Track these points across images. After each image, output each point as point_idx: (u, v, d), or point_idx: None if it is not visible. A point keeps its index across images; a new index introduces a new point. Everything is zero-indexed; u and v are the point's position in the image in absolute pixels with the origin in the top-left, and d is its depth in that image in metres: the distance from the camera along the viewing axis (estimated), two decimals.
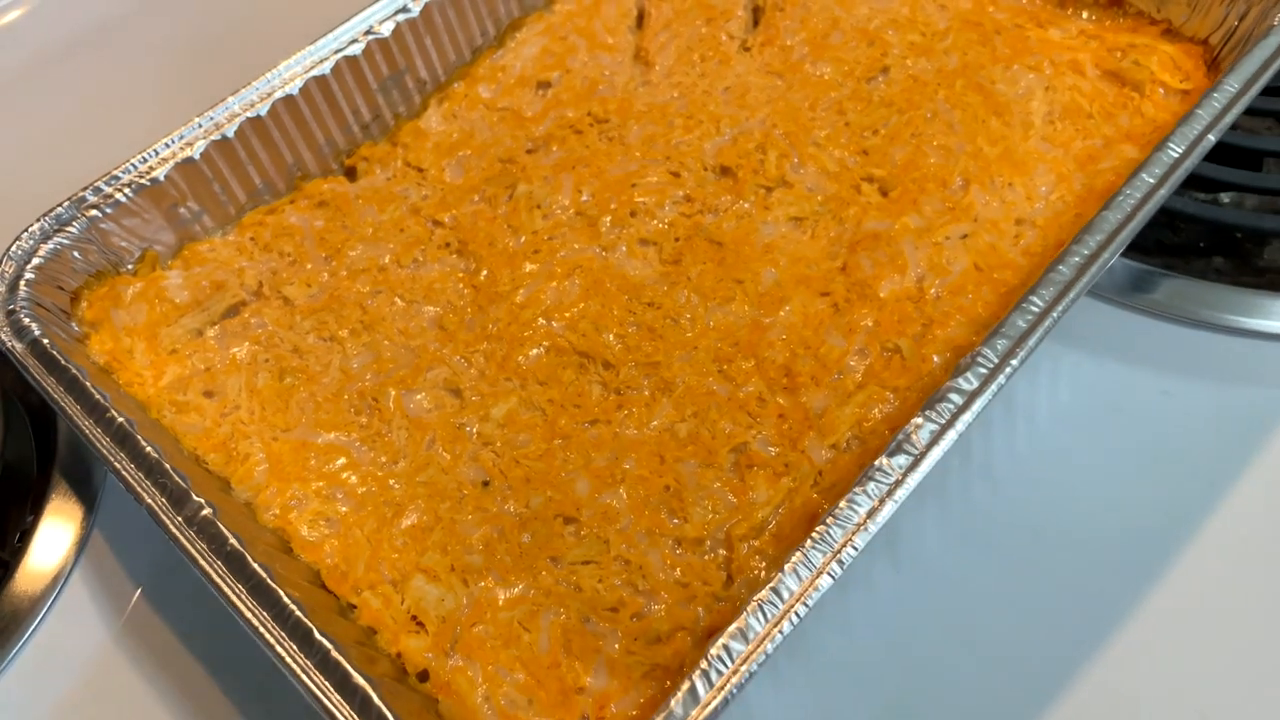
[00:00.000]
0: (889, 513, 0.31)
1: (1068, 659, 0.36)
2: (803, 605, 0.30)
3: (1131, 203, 0.36)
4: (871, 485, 0.31)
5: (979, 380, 0.33)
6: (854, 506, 0.31)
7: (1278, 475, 0.38)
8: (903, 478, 0.31)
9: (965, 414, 0.32)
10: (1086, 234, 0.35)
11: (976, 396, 0.32)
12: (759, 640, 0.29)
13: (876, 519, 0.31)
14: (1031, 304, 0.34)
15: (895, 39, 0.50)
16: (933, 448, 0.32)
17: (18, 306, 0.40)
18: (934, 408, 0.32)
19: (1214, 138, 0.37)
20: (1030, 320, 0.34)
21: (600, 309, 0.43)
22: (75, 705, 0.37)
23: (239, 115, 0.46)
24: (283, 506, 0.38)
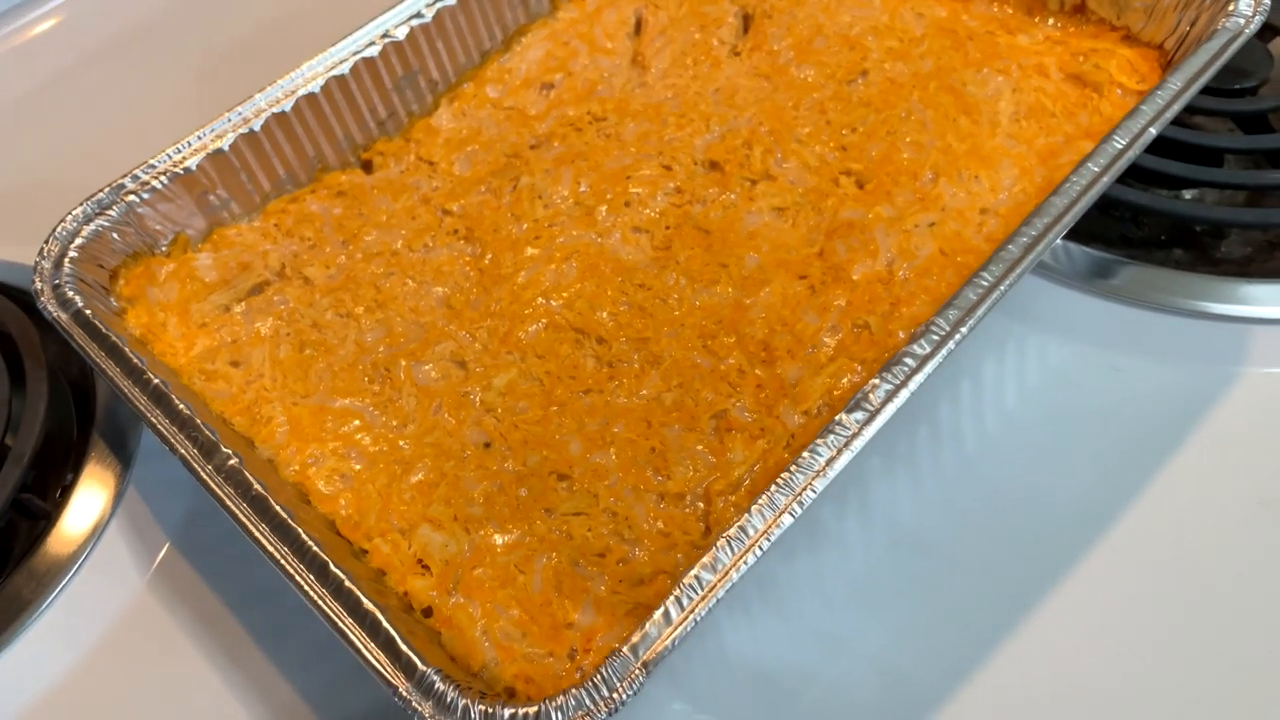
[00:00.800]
0: (845, 461, 0.34)
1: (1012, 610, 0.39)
2: (766, 540, 0.33)
3: (1076, 189, 0.39)
4: (831, 438, 0.35)
5: (931, 346, 0.36)
6: (815, 456, 0.34)
7: (1215, 442, 0.42)
8: (859, 430, 0.35)
9: (917, 375, 0.36)
10: (1035, 217, 0.39)
11: (928, 360, 0.36)
12: (725, 571, 0.33)
13: (834, 466, 0.34)
14: (981, 279, 0.37)
15: (875, 44, 0.54)
16: (886, 405, 0.35)
17: (62, 281, 0.44)
18: (890, 370, 0.36)
19: (1155, 130, 0.41)
20: (980, 293, 0.37)
21: (595, 290, 0.47)
22: (113, 642, 0.41)
23: (265, 111, 0.50)
24: (301, 464, 0.42)
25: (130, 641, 0.41)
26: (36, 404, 0.45)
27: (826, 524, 0.43)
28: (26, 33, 0.69)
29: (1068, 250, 0.49)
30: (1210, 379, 0.43)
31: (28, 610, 0.41)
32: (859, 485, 0.43)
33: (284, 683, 0.39)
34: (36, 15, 0.69)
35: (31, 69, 0.66)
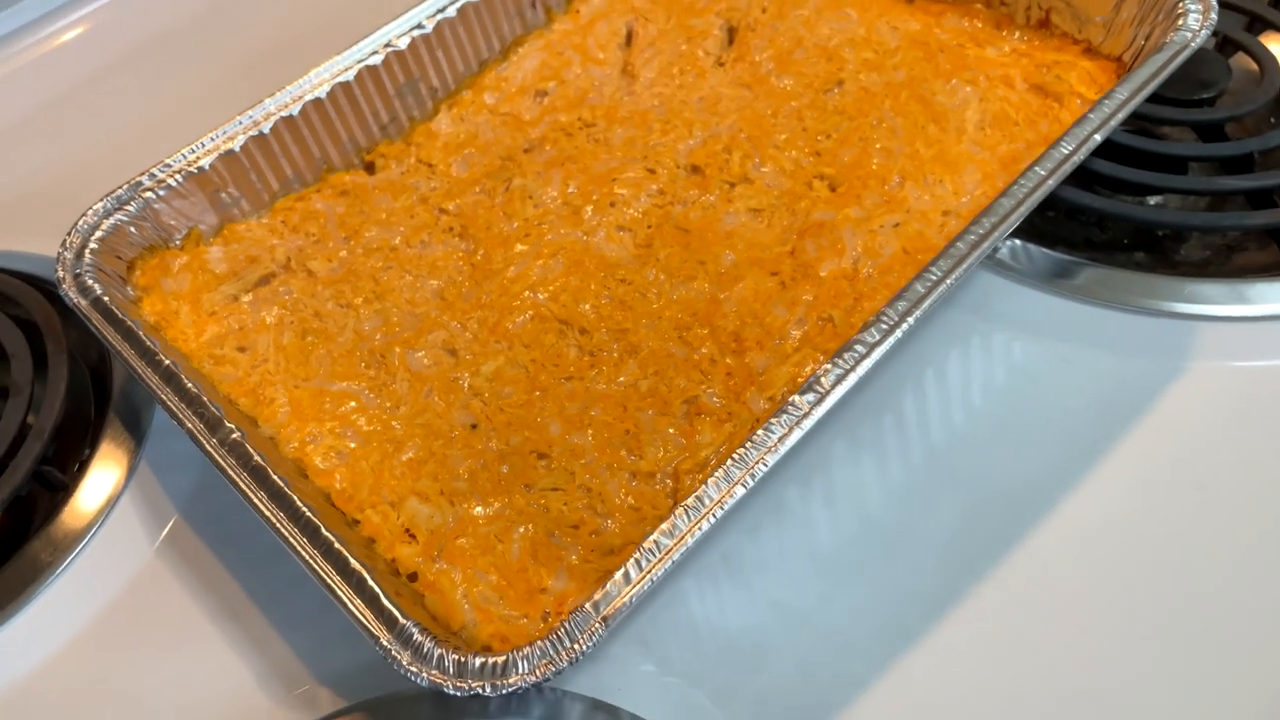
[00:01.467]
0: (796, 438, 0.37)
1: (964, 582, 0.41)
2: (720, 509, 0.36)
3: (1023, 192, 0.42)
4: (784, 417, 0.37)
5: (880, 334, 0.39)
6: (769, 434, 0.37)
7: (1158, 428, 0.44)
8: (809, 411, 0.37)
9: (866, 360, 0.38)
10: (983, 217, 0.42)
11: (876, 347, 0.38)
12: (682, 536, 0.35)
13: (786, 443, 0.37)
14: (930, 274, 0.40)
15: (851, 56, 0.57)
16: (836, 387, 0.38)
17: (83, 270, 0.47)
18: (841, 356, 0.39)
19: (1100, 137, 0.43)
20: (927, 286, 0.40)
21: (579, 284, 0.50)
22: (124, 603, 0.44)
23: (274, 115, 0.53)
24: (301, 441, 0.45)
25: (140, 603, 0.44)
26: (57, 385, 0.48)
27: (792, 505, 0.45)
28: (54, 40, 0.73)
29: (1028, 251, 0.51)
30: (1157, 371, 0.46)
31: (46, 573, 0.44)
32: (824, 469, 0.46)
33: (280, 641, 0.42)
34: (64, 24, 0.73)
35: (58, 75, 0.70)
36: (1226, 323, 0.47)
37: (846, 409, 0.47)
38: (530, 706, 0.39)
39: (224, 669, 0.41)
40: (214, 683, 0.41)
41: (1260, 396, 0.45)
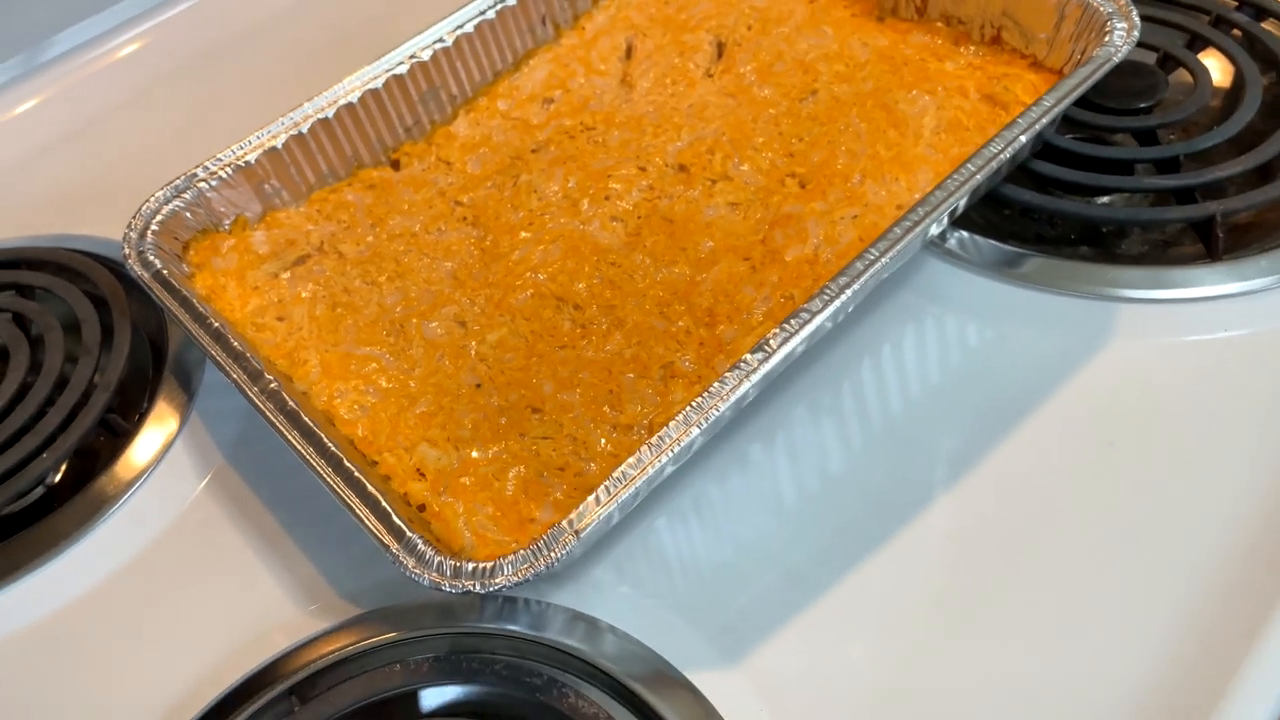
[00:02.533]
0: (744, 389, 0.43)
1: (896, 525, 0.47)
2: (677, 446, 0.42)
3: (955, 184, 0.48)
4: (735, 372, 0.44)
5: (822, 303, 0.45)
6: (723, 385, 0.44)
7: (1078, 393, 0.50)
8: (757, 366, 0.44)
9: (809, 324, 0.45)
10: (918, 207, 0.48)
11: (818, 314, 0.45)
12: (644, 467, 0.42)
13: (735, 393, 0.43)
14: (869, 253, 0.46)
15: (824, 69, 0.63)
16: (781, 346, 0.44)
17: (145, 249, 0.55)
18: (788, 322, 0.45)
19: (1025, 139, 0.49)
20: (866, 263, 0.46)
21: (575, 266, 0.56)
22: (175, 531, 0.51)
23: (312, 117, 0.60)
24: (330, 396, 0.52)
25: (188, 532, 0.51)
26: (121, 347, 0.55)
27: (757, 458, 0.52)
28: (115, 53, 0.81)
29: (977, 243, 0.57)
30: (1081, 346, 0.52)
31: (110, 504, 0.51)
32: (786, 428, 0.52)
33: (308, 563, 0.49)
34: (124, 39, 0.81)
35: (120, 83, 0.78)
36: (1145, 304, 0.53)
37: (807, 376, 0.53)
38: (518, 615, 0.45)
39: (260, 587, 0.48)
40: (252, 598, 0.48)
41: (1166, 367, 0.50)
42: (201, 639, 0.47)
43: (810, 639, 0.45)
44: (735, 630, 0.45)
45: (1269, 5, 0.64)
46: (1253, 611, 0.42)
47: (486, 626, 0.45)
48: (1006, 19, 0.59)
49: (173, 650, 0.47)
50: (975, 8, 0.61)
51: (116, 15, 0.81)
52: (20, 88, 0.78)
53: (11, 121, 0.77)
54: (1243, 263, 0.53)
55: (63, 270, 0.61)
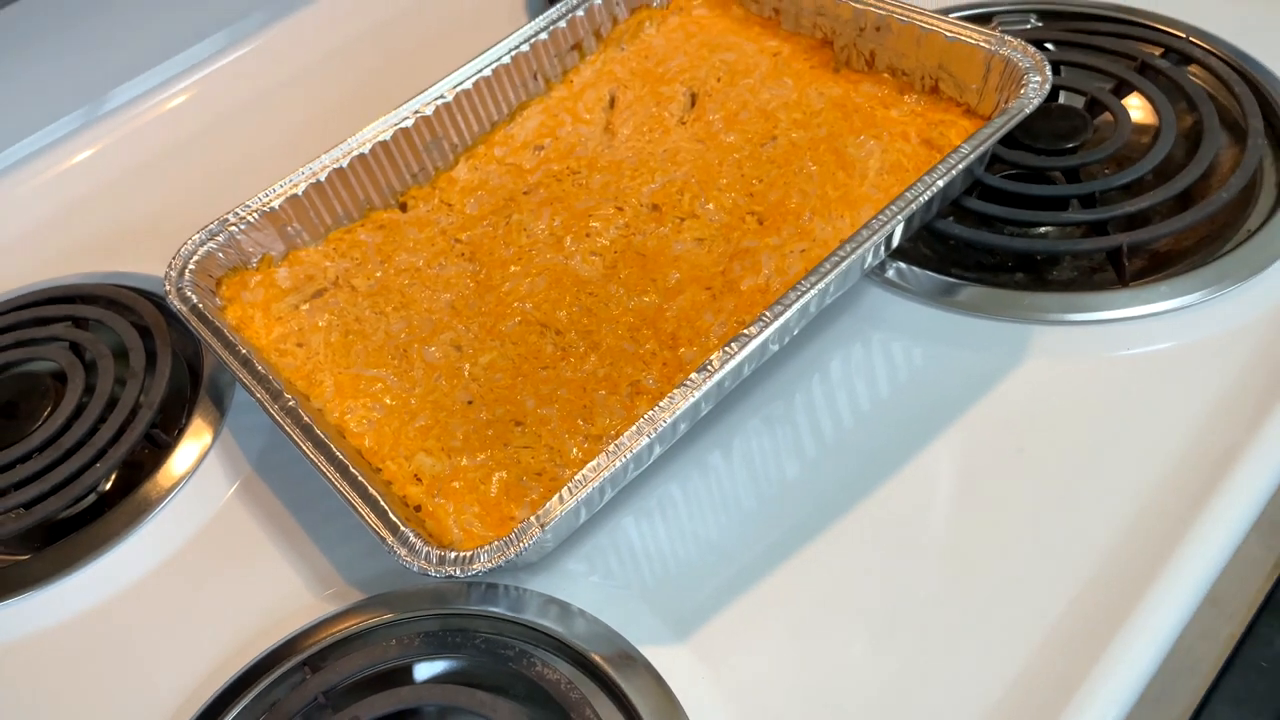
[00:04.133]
0: (690, 402, 0.50)
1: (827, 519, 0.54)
2: (629, 452, 0.49)
3: (879, 224, 0.55)
4: (681, 389, 0.51)
5: (759, 328, 0.52)
6: (671, 400, 0.51)
7: (995, 406, 0.56)
8: (700, 383, 0.51)
9: (748, 346, 0.52)
10: (847, 244, 0.55)
11: (754, 338, 0.52)
12: (600, 470, 0.49)
13: (680, 406, 0.50)
14: (801, 285, 0.53)
15: (784, 116, 0.70)
16: (722, 367, 0.51)
17: (183, 285, 0.63)
18: (729, 345, 0.52)
19: (942, 183, 0.56)
20: (797, 294, 0.53)
21: (558, 296, 0.64)
22: (207, 531, 0.59)
23: (329, 166, 0.68)
24: (341, 412, 0.59)
25: (219, 532, 0.59)
26: (163, 371, 0.64)
27: (716, 465, 0.59)
28: (165, 105, 0.89)
29: (915, 273, 0.64)
30: (1001, 365, 0.58)
31: (153, 507, 0.59)
32: (742, 438, 0.59)
33: (321, 557, 0.56)
34: (172, 92, 0.90)
35: (168, 133, 0.87)
36: (1059, 326, 0.59)
37: (762, 390, 0.60)
38: (499, 599, 0.53)
39: (280, 578, 0.56)
40: (272, 587, 0.56)
41: (1072, 383, 0.57)
42: (231, 621, 0.54)
43: (754, 624, 0.51)
44: (690, 616, 0.52)
45: (1190, 53, 0.71)
46: (1129, 601, 0.48)
47: (472, 609, 0.52)
48: (942, 71, 0.66)
49: (207, 631, 0.54)
50: (915, 61, 0.68)
51: (165, 71, 0.90)
52: (80, 137, 0.87)
53: (72, 169, 0.86)
54: (1147, 288, 0.59)
55: (113, 304, 0.69)
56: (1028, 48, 0.62)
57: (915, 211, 0.56)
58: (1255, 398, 0.54)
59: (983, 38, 0.64)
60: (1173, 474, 0.52)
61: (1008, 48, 0.63)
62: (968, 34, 0.64)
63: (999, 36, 0.63)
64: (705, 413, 0.56)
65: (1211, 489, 0.51)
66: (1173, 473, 0.52)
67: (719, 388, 0.53)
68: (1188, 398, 0.55)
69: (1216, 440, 0.53)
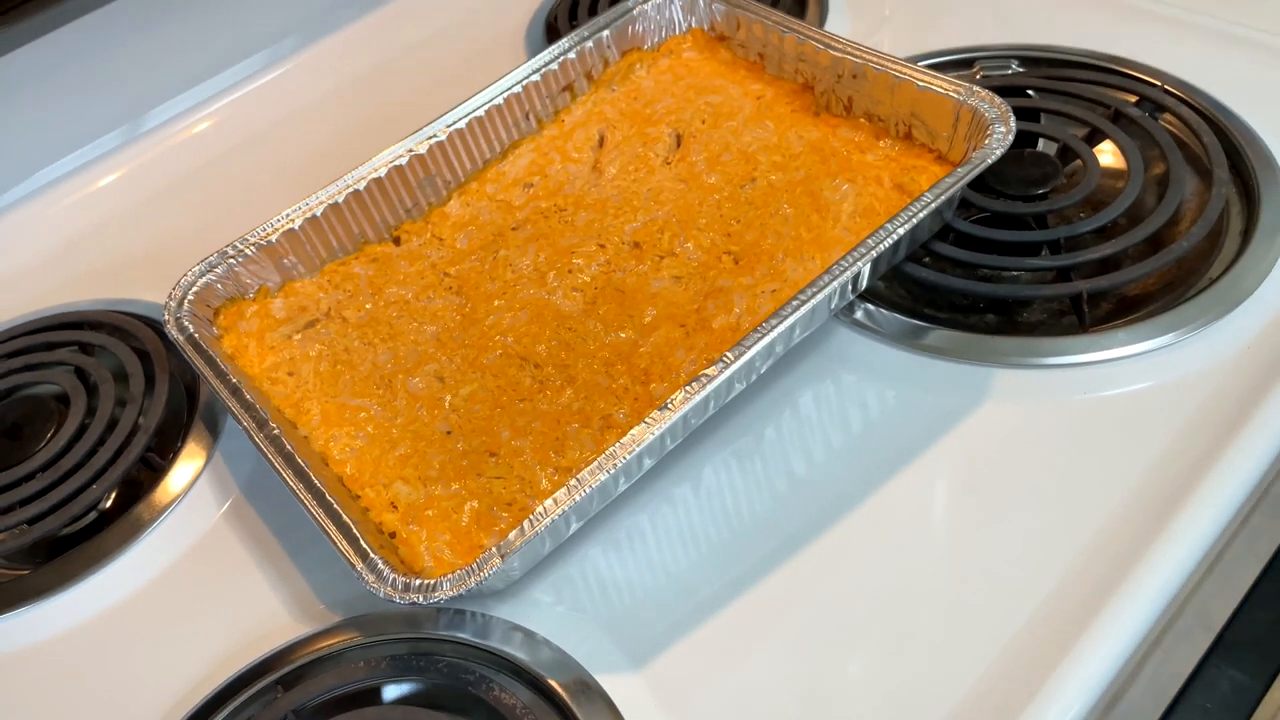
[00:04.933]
0: (648, 440, 0.52)
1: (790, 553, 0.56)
2: (589, 487, 0.51)
3: (840, 269, 0.57)
4: (642, 426, 0.53)
5: (719, 369, 0.54)
6: (632, 438, 0.53)
7: (950, 447, 0.58)
8: (658, 421, 0.53)
9: (707, 387, 0.54)
10: (808, 288, 0.57)
11: (713, 379, 0.54)
12: (561, 504, 0.51)
13: (641, 443, 0.52)
14: (763, 328, 0.55)
15: (764, 159, 0.72)
16: (681, 406, 0.53)
17: (182, 315, 0.66)
18: (690, 385, 0.54)
19: (903, 230, 0.58)
20: (758, 337, 0.55)
21: (538, 330, 0.66)
22: (196, 552, 0.61)
23: (324, 202, 0.71)
24: (326, 439, 0.62)
25: (207, 551, 0.61)
26: (160, 396, 0.67)
27: (685, 498, 0.61)
28: (191, 130, 0.93)
29: (884, 315, 0.66)
30: (959, 408, 0.60)
31: (145, 528, 0.62)
32: (712, 471, 0.61)
33: (301, 579, 0.59)
34: (201, 116, 0.94)
35: (191, 158, 0.90)
36: (1020, 370, 0.61)
37: (731, 425, 0.62)
38: (466, 625, 0.55)
39: (262, 598, 0.59)
40: (254, 607, 0.58)
41: (1028, 425, 0.58)
42: (213, 638, 0.57)
43: (710, 656, 0.53)
44: (648, 647, 0.54)
45: (1163, 101, 0.72)
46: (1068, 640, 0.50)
47: (440, 633, 0.55)
48: (915, 119, 0.68)
49: (190, 646, 0.57)
50: (890, 108, 0.70)
51: (201, 92, 0.94)
52: (110, 160, 0.91)
53: (95, 193, 0.90)
54: (1107, 334, 0.61)
55: (117, 330, 0.72)
56: (995, 99, 0.64)
57: (880, 256, 0.58)
58: (1203, 445, 0.55)
59: (952, 88, 0.66)
60: (1118, 517, 0.54)
61: (976, 98, 0.65)
62: (938, 84, 0.66)
63: (968, 87, 0.65)
64: (672, 447, 0.58)
65: (1155, 533, 0.52)
66: (1118, 515, 0.54)
67: (684, 423, 0.55)
68: (1138, 443, 0.56)
69: (1163, 486, 0.54)
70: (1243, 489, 0.53)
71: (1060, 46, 0.79)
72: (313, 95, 0.95)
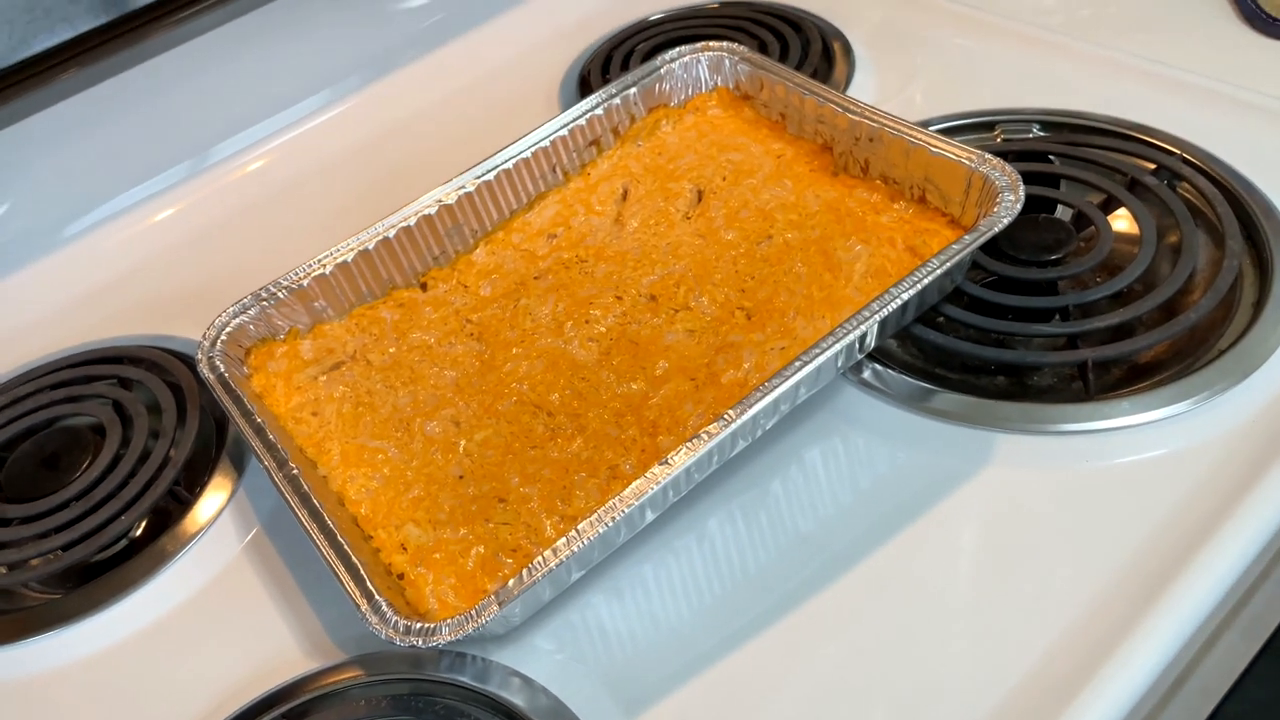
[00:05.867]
0: (647, 495, 0.54)
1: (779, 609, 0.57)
2: (588, 538, 0.53)
3: (844, 332, 0.58)
4: (641, 481, 0.54)
5: (720, 426, 0.56)
6: (633, 490, 0.55)
7: (947, 511, 0.59)
8: (658, 477, 0.54)
9: (709, 444, 0.55)
10: (813, 349, 0.58)
11: (715, 436, 0.55)
12: (560, 553, 0.53)
13: (640, 499, 0.54)
14: (765, 387, 0.57)
15: (780, 216, 0.74)
16: (682, 462, 0.55)
17: (214, 354, 0.69)
18: (691, 441, 0.56)
19: (906, 296, 0.59)
20: (759, 396, 0.56)
21: (553, 379, 0.68)
22: (216, 584, 0.64)
23: (355, 248, 0.74)
24: (344, 479, 0.64)
25: (227, 584, 0.64)
26: (191, 431, 0.70)
27: (689, 550, 0.62)
28: (242, 170, 0.97)
29: (892, 375, 0.67)
30: (962, 469, 0.60)
31: (169, 559, 0.65)
32: (717, 523, 0.63)
33: (312, 615, 0.61)
34: (250, 158, 0.98)
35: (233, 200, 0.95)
36: (1023, 436, 0.62)
37: (737, 478, 0.64)
38: (467, 668, 0.57)
39: (275, 632, 0.61)
40: (267, 640, 0.61)
41: (1027, 491, 0.59)
42: (227, 668, 0.59)
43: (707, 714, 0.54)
44: (642, 699, 0.55)
45: (1180, 170, 0.73)
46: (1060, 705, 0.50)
47: (441, 675, 0.56)
48: (928, 183, 0.70)
49: (205, 676, 0.59)
50: (904, 171, 0.71)
51: (257, 132, 0.98)
52: (168, 195, 0.94)
53: (149, 229, 0.93)
54: (1111, 403, 0.61)
55: (154, 366, 0.76)
56: (1005, 166, 0.65)
57: (887, 318, 0.59)
58: (1202, 518, 0.55)
59: (964, 154, 0.67)
60: (1113, 586, 0.54)
61: (987, 165, 0.66)
62: (950, 150, 0.68)
63: (980, 154, 0.66)
64: (675, 500, 0.59)
65: (1149, 604, 0.53)
66: (1114, 585, 0.54)
67: (687, 477, 0.57)
68: (1136, 514, 0.57)
69: (1160, 557, 0.54)
70: (1241, 563, 0.53)
71: (1081, 111, 0.80)
72: (361, 136, 0.99)
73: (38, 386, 0.77)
